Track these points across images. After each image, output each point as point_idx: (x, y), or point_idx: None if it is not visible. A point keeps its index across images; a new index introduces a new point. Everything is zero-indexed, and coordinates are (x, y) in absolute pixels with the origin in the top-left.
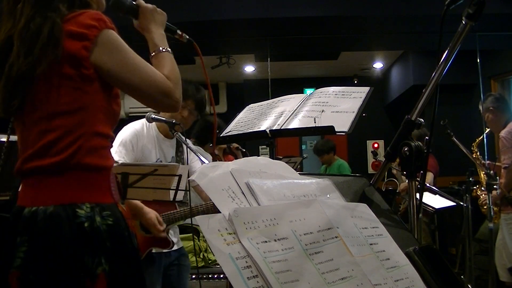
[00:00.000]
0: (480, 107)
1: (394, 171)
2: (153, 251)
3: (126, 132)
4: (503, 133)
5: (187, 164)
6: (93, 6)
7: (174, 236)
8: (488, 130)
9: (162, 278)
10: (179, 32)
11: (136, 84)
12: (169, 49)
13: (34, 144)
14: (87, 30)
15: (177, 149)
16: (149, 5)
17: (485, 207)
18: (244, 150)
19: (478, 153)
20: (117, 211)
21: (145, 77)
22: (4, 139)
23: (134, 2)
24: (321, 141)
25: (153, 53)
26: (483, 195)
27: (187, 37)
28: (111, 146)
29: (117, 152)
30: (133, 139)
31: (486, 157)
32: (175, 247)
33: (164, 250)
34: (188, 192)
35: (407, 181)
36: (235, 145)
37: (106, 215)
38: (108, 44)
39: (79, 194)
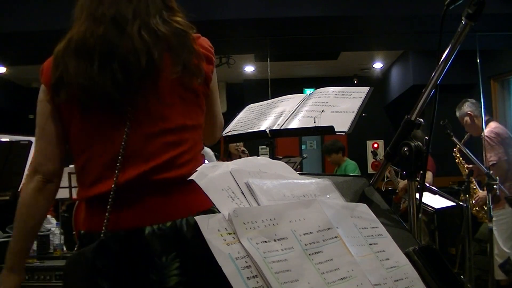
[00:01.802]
0: (457, 113)
1: (388, 169)
2: None
3: None
4: (486, 132)
5: None
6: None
7: None
8: (466, 136)
9: None
10: None
11: (217, 113)
12: None
13: (158, 155)
14: (211, 54)
15: None
16: None
17: (476, 208)
18: (247, 153)
19: (461, 158)
20: None
21: (219, 108)
22: (4, 139)
23: None
24: (331, 141)
25: None
26: (476, 192)
27: None
28: None
29: None
30: None
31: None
32: None
33: None
34: None
35: (400, 181)
36: (242, 148)
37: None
38: (215, 73)
39: (207, 199)
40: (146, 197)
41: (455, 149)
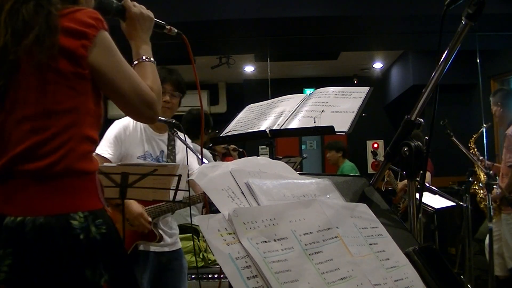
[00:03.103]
0: (491, 100)
1: (387, 173)
2: (141, 248)
3: (113, 127)
4: (510, 131)
5: (187, 163)
6: (82, 3)
7: (171, 237)
8: (488, 124)
9: (157, 278)
10: (167, 27)
11: (125, 91)
12: (152, 59)
13: (19, 143)
14: (87, 28)
15: (169, 143)
16: (136, 10)
17: (483, 203)
18: (241, 150)
19: (475, 150)
20: (107, 216)
21: (134, 85)
22: None
23: (120, 3)
24: (334, 141)
25: (136, 62)
26: (482, 193)
27: (176, 30)
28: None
29: (100, 146)
30: (118, 133)
31: (486, 155)
32: (173, 248)
33: (154, 249)
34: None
35: (399, 183)
36: (232, 146)
37: (99, 223)
38: (105, 46)
39: (71, 203)
40: (9, 186)
41: (470, 140)
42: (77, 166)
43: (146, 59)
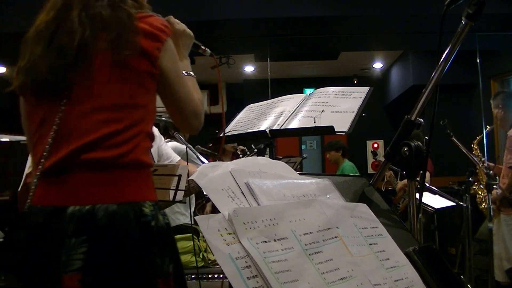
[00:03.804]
0: (491, 102)
1: (388, 174)
2: None
3: None
4: (511, 132)
5: (187, 163)
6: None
7: None
8: (488, 128)
9: None
10: (202, 47)
11: (181, 98)
12: (192, 73)
13: (88, 133)
14: (160, 32)
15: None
16: (180, 27)
17: (483, 204)
18: (248, 152)
19: (478, 151)
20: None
21: (188, 93)
22: (4, 139)
23: (165, 19)
24: (335, 140)
25: None
26: (483, 193)
27: (209, 51)
28: None
29: None
30: None
31: (486, 156)
32: None
33: None
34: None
35: (399, 181)
36: (241, 147)
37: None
38: (171, 51)
39: (141, 192)
40: (73, 176)
41: (474, 141)
42: (143, 158)
43: (186, 74)
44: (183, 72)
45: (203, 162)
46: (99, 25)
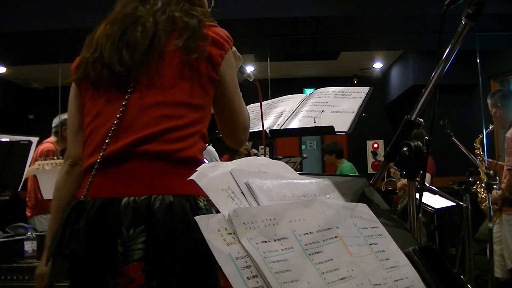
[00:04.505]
0: (488, 101)
1: (392, 171)
2: None
3: None
4: (509, 134)
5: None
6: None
7: None
8: (490, 128)
9: None
10: (247, 72)
11: (234, 108)
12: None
13: (150, 126)
14: (224, 41)
15: None
16: (234, 48)
17: (484, 203)
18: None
19: (480, 149)
20: None
21: (242, 105)
22: (4, 139)
23: None
24: (328, 142)
25: None
26: (483, 192)
27: (253, 77)
28: None
29: None
30: None
31: (486, 155)
32: None
33: None
34: None
35: (401, 179)
36: (254, 151)
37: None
38: (231, 62)
39: (195, 187)
40: (130, 166)
41: (476, 140)
42: (199, 157)
43: None
44: None
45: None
46: (172, 26)
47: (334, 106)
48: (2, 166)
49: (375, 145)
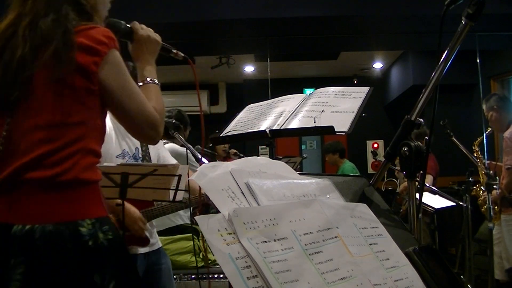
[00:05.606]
0: (484, 106)
1: (396, 171)
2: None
3: None
4: (507, 133)
5: (187, 163)
6: (97, 21)
7: (153, 237)
8: (489, 130)
9: (149, 280)
10: (174, 50)
11: (130, 110)
12: (157, 81)
13: (28, 152)
14: (99, 46)
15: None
16: (144, 32)
17: (484, 206)
18: (242, 155)
19: (479, 153)
20: (112, 223)
21: (139, 104)
22: None
23: (128, 26)
24: (331, 141)
25: (141, 83)
26: (483, 194)
27: (182, 54)
28: None
29: None
30: None
31: (486, 157)
32: (153, 247)
33: (142, 251)
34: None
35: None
36: (233, 150)
37: (106, 229)
38: (115, 64)
39: (79, 211)
40: (18, 195)
41: (474, 143)
42: (83, 176)
43: (151, 81)
44: (147, 79)
45: (203, 162)
46: (38, 41)
47: (334, 106)
48: None
49: (375, 145)
